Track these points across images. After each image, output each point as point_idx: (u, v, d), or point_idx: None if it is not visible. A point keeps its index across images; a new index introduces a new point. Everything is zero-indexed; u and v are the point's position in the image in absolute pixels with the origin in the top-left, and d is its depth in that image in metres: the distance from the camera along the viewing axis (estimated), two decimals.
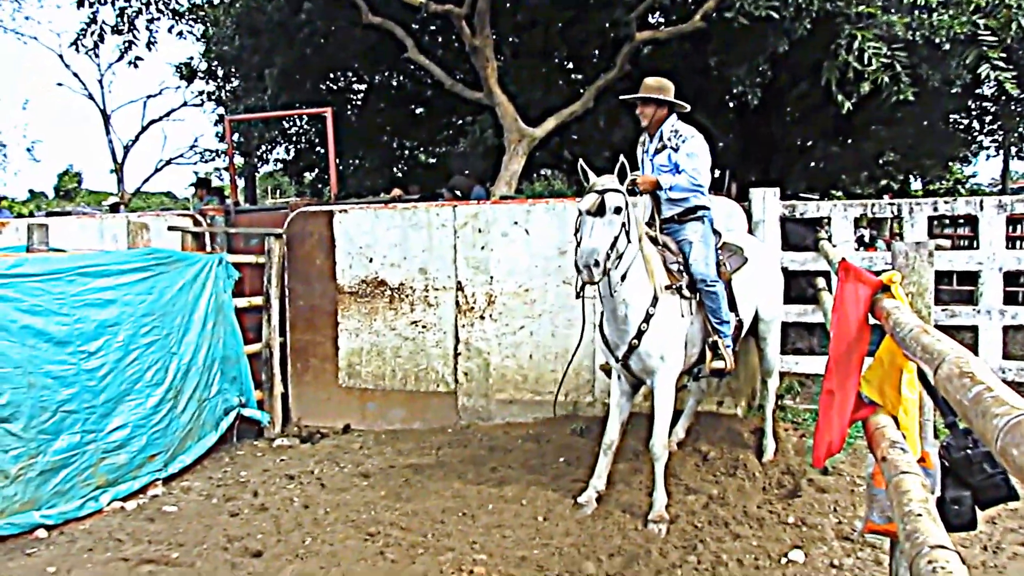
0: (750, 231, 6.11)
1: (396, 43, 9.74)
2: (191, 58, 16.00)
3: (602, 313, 4.94)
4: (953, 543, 1.70)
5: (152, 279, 5.95)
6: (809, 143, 14.36)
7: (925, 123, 13.37)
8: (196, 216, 8.16)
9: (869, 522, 2.57)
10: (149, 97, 26.00)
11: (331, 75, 14.36)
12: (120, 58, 12.17)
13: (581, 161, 4.73)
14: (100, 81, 26.17)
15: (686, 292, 4.99)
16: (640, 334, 4.77)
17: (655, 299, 4.78)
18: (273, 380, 7.39)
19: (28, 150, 32.08)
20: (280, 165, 16.77)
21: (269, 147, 15.74)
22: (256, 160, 16.37)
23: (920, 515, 1.70)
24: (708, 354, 5.14)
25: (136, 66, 12.11)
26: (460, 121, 14.47)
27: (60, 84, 39.49)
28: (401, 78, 14.06)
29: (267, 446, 7.01)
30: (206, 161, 26.53)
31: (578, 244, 4.44)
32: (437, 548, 4.50)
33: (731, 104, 11.60)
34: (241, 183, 17.26)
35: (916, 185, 22.86)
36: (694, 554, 4.35)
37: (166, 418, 5.94)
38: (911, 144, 14.72)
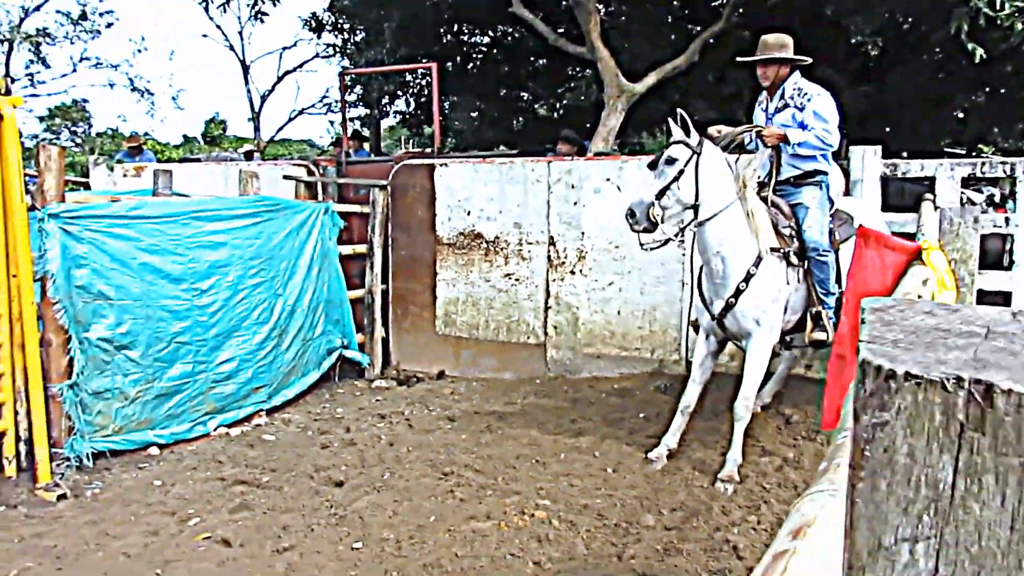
0: (847, 191, 5.91)
1: None
2: (314, 14, 16.48)
3: (701, 267, 4.91)
4: None
5: (260, 224, 6.34)
6: (947, 94, 13.43)
7: None
8: (309, 166, 8.56)
9: None
10: (284, 49, 26.90)
11: (451, 28, 14.52)
12: (250, 14, 12.73)
13: (669, 118, 4.70)
14: (240, 33, 27.31)
15: (794, 259, 4.85)
16: (738, 293, 4.67)
17: (758, 259, 4.68)
18: (374, 325, 7.76)
19: (173, 98, 33.97)
20: (399, 118, 17.15)
21: (390, 100, 16.12)
22: (378, 112, 16.81)
23: None
24: (809, 324, 4.96)
25: (262, 20, 12.66)
26: (573, 75, 14.39)
27: (205, 36, 41.34)
28: (517, 32, 14.07)
29: (366, 386, 7.39)
30: (335, 112, 27.36)
31: None
32: (504, 491, 4.70)
33: (853, 55, 11.02)
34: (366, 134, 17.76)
35: None
36: (755, 514, 4.36)
37: (271, 354, 6.37)
38: None
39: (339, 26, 16.26)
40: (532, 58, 15.04)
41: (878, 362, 0.40)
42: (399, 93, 15.63)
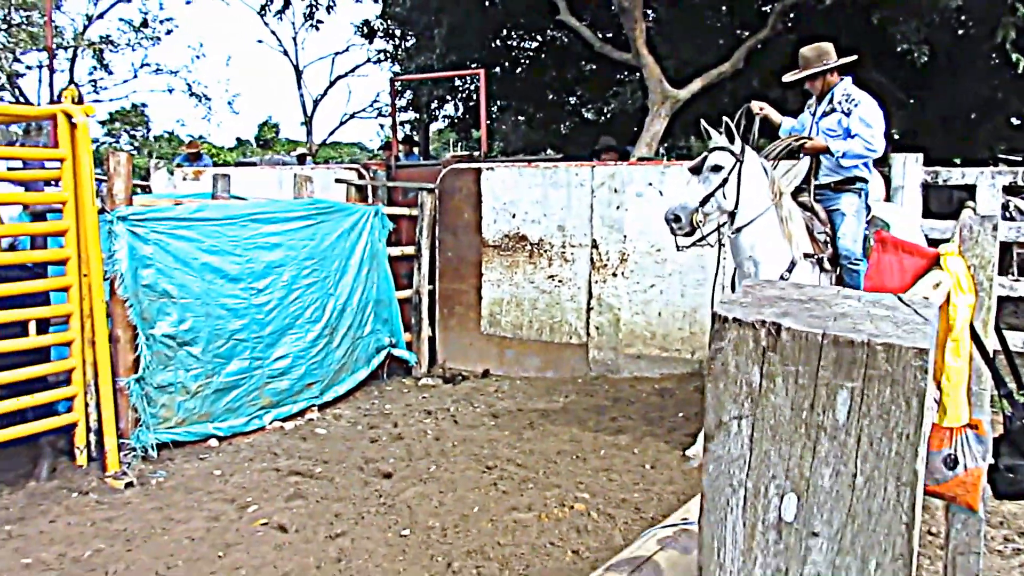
0: (888, 198, 5.96)
1: (551, 4, 9.97)
2: (367, 20, 16.85)
3: (734, 271, 5.01)
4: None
5: (314, 227, 6.60)
6: (1000, 101, 13.26)
7: None
8: (360, 170, 8.83)
9: (925, 485, 2.66)
10: (336, 54, 27.53)
11: (499, 34, 14.75)
12: (305, 21, 13.11)
13: (703, 121, 4.81)
14: (294, 39, 27.95)
15: (827, 265, 4.91)
16: None
17: (792, 264, 4.74)
18: (421, 324, 7.99)
19: (229, 103, 34.83)
20: (448, 122, 17.43)
21: (439, 104, 16.41)
22: (427, 117, 17.12)
23: None
24: None
25: (317, 28, 13.03)
26: (619, 80, 14.51)
27: (260, 41, 42.32)
28: (564, 38, 14.25)
29: (413, 384, 7.62)
30: (385, 116, 27.82)
31: None
32: (545, 484, 4.87)
33: (901, 62, 10.98)
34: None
35: None
36: None
37: (323, 351, 6.62)
38: None
39: (390, 32, 16.61)
40: (579, 63, 15.19)
41: (721, 312, 0.60)
42: (448, 98, 15.91)
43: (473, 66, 12.06)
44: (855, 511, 0.59)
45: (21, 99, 24.46)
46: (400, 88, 14.39)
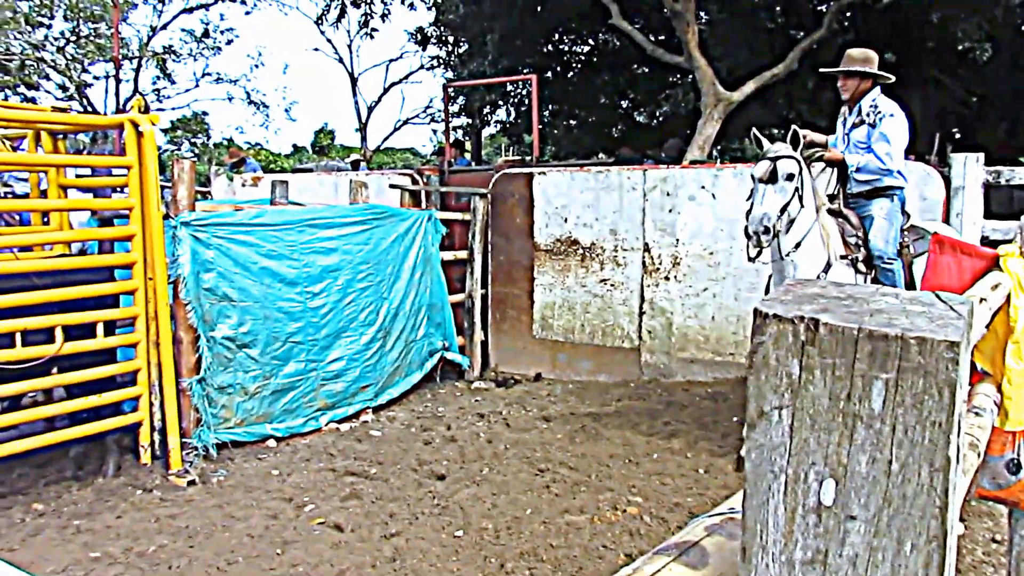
0: (948, 198, 5.84)
1: (603, 8, 9.99)
2: (420, 27, 17.07)
3: (769, 277, 5.00)
4: None
5: (369, 231, 6.72)
6: None
7: None
8: (414, 175, 8.96)
9: (980, 488, 2.62)
10: (391, 61, 27.81)
11: (551, 39, 14.81)
12: (360, 29, 13.34)
13: (754, 129, 4.81)
14: (349, 46, 28.35)
15: (861, 267, 4.91)
16: None
17: (827, 266, 4.77)
18: (474, 328, 8.06)
19: (286, 110, 35.49)
20: (500, 127, 17.55)
21: (491, 109, 16.54)
22: (479, 122, 17.26)
23: None
24: None
25: (372, 36, 13.24)
26: (672, 83, 14.46)
27: (316, 49, 42.95)
28: (616, 41, 14.24)
29: (465, 387, 7.70)
30: (438, 122, 28.07)
31: (749, 211, 4.58)
32: (598, 487, 4.89)
33: (962, 60, 10.72)
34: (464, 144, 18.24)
35: None
36: None
37: (376, 354, 6.73)
38: None
39: (443, 39, 16.81)
40: (631, 67, 15.18)
41: (762, 308, 0.63)
42: (500, 103, 16.03)
43: (525, 71, 12.13)
44: (890, 495, 0.62)
45: (89, 109, 25.31)
46: (453, 94, 14.53)
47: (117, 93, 19.18)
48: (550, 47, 14.83)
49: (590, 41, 14.69)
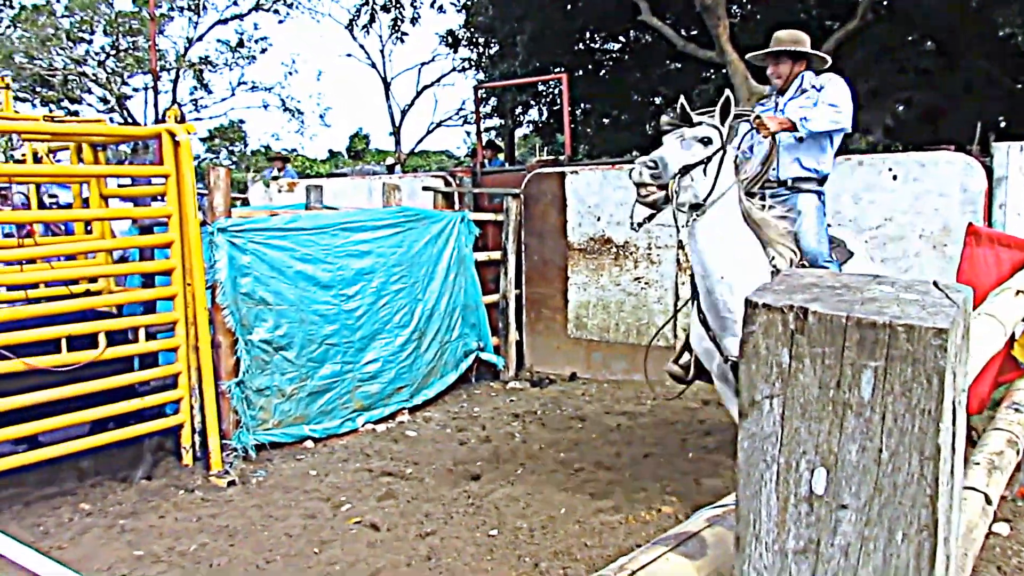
0: (990, 189, 5.72)
1: (632, 5, 9.95)
2: (451, 30, 17.16)
3: (694, 288, 4.13)
4: None
5: (402, 234, 6.77)
6: None
7: None
8: (447, 177, 9.00)
9: (1022, 487, 2.58)
10: (423, 65, 27.98)
11: (582, 37, 14.79)
12: (391, 34, 13.46)
13: (682, 98, 3.89)
14: (381, 51, 28.54)
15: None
16: None
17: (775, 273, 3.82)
18: (509, 328, 8.08)
19: (321, 116, 35.90)
20: (532, 127, 17.56)
21: (523, 110, 16.56)
22: (511, 122, 17.29)
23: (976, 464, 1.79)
24: None
25: (403, 40, 13.35)
26: (704, 78, 14.34)
27: (349, 55, 43.38)
28: (647, 37, 14.18)
29: (500, 387, 7.72)
30: (470, 124, 28.18)
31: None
32: (632, 487, 4.87)
33: (1005, 47, 10.49)
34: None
35: None
36: None
37: (411, 356, 6.78)
38: None
39: (474, 40, 16.88)
40: (662, 63, 15.09)
41: (752, 298, 0.63)
42: (531, 103, 16.05)
43: (556, 71, 12.12)
44: (881, 484, 0.61)
45: (129, 120, 25.83)
46: (484, 95, 14.58)
47: (156, 104, 19.58)
48: (580, 46, 14.81)
49: (620, 38, 14.63)
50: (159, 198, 5.59)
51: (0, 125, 5.49)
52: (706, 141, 3.69)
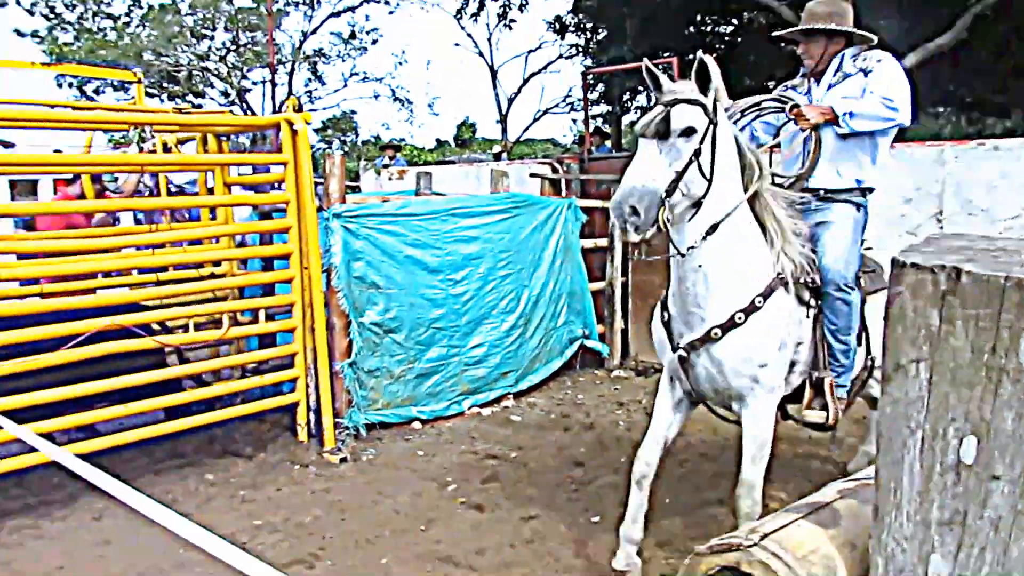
0: None
1: None
2: (558, 16, 17.10)
3: (668, 280, 3.68)
4: None
5: (509, 220, 6.81)
6: None
7: None
8: (554, 164, 8.99)
9: None
10: (529, 52, 28.01)
11: (693, 19, 14.47)
12: (499, 22, 13.53)
13: (646, 60, 3.34)
14: (489, 40, 28.78)
15: (806, 294, 3.47)
16: (732, 326, 3.24)
17: (770, 289, 3.30)
18: (614, 316, 8.02)
19: (429, 105, 36.49)
20: (640, 113, 17.34)
21: (631, 96, 16.38)
22: (619, 109, 17.13)
23: None
24: (807, 394, 3.62)
25: (510, 28, 13.41)
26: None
27: (457, 44, 43.79)
28: (761, 19, 13.76)
29: (605, 375, 7.68)
30: (577, 111, 28.05)
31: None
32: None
33: None
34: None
35: None
36: None
37: (517, 341, 6.82)
38: None
39: (582, 26, 16.78)
40: (779, 45, 14.60)
41: (899, 258, 0.60)
42: (640, 89, 15.82)
43: (666, 55, 11.91)
44: None
45: (249, 111, 26.93)
46: (592, 81, 14.48)
47: (273, 96, 20.34)
48: (691, 29, 14.49)
49: (733, 21, 14.24)
50: (277, 185, 5.80)
51: (137, 117, 5.80)
52: (689, 132, 3.03)
